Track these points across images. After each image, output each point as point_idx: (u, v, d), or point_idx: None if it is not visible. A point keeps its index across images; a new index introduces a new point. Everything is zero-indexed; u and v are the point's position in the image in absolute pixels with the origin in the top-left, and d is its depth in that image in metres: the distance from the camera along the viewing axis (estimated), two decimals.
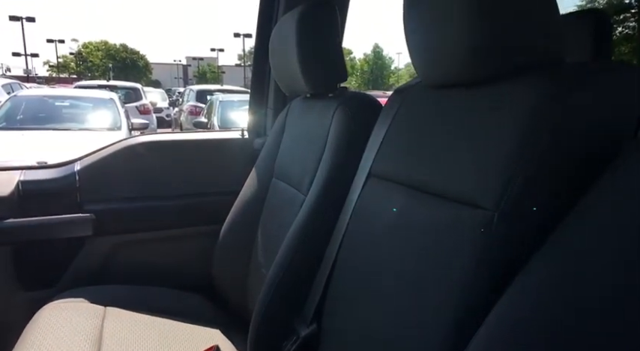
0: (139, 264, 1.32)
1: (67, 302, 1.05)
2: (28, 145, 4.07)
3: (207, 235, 1.31)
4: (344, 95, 1.01)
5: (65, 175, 1.24)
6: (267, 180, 1.19)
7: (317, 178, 0.93)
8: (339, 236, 0.80)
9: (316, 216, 0.89)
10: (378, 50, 52.76)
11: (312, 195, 0.92)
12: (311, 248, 0.87)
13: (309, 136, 1.04)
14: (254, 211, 1.18)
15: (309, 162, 0.98)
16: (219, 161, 1.42)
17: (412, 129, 0.73)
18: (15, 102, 5.24)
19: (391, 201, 0.71)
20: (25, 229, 1.17)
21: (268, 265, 0.97)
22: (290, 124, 1.19)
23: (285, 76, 1.12)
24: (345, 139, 0.92)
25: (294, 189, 1.04)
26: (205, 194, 1.39)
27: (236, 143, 1.47)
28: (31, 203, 1.18)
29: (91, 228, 1.23)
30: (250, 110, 1.54)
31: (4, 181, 1.18)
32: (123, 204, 1.29)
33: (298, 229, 0.90)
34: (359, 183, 0.81)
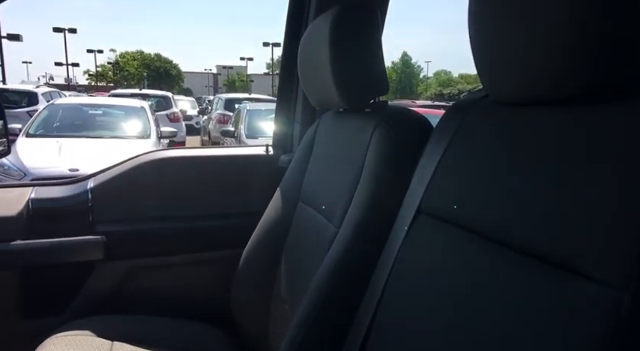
0: (154, 291, 1.22)
1: (72, 335, 0.96)
2: (62, 153, 4.20)
3: (226, 260, 1.20)
4: (384, 110, 0.87)
5: (77, 193, 1.16)
6: (293, 203, 1.07)
7: (353, 211, 0.79)
8: (381, 283, 0.68)
9: (352, 256, 0.76)
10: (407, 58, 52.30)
11: (346, 230, 0.78)
12: (345, 295, 0.76)
13: (341, 157, 0.91)
14: (277, 237, 1.07)
15: (342, 189, 0.85)
16: (241, 179, 1.30)
17: (478, 157, 0.59)
18: (52, 110, 5.44)
19: (448, 248, 0.58)
20: (33, 251, 1.09)
21: (292, 302, 0.88)
22: (320, 141, 1.06)
23: (315, 88, 0.99)
24: (386, 165, 0.78)
25: (324, 218, 0.91)
26: (226, 215, 1.28)
27: (260, 160, 1.34)
28: (40, 223, 1.11)
29: (103, 251, 1.14)
30: (276, 124, 1.41)
31: (14, 199, 1.11)
32: (137, 225, 1.19)
33: (331, 271, 0.77)
34: (405, 220, 0.68)
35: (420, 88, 51.27)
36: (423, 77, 54.54)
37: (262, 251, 1.10)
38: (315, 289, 0.78)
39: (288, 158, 1.26)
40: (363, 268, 0.74)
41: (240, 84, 55.79)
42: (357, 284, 0.74)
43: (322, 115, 1.13)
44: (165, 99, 10.22)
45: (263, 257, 1.10)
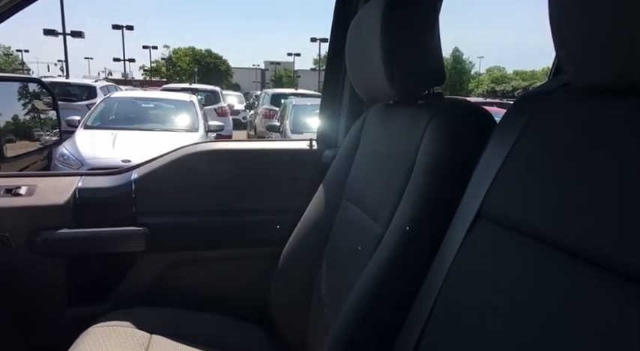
0: (193, 285, 1.22)
1: (112, 326, 0.96)
2: (116, 144, 4.36)
3: (267, 257, 1.18)
4: (440, 103, 0.80)
5: (121, 183, 1.17)
6: (337, 201, 1.03)
7: (402, 211, 0.73)
8: (433, 292, 0.62)
9: (399, 261, 0.71)
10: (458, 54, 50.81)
11: (394, 232, 0.73)
12: (391, 302, 0.70)
13: (390, 153, 0.85)
14: (319, 236, 1.03)
15: (390, 187, 0.79)
16: (283, 174, 1.27)
17: (554, 156, 0.51)
18: (108, 103, 5.68)
19: (512, 258, 0.52)
20: (78, 240, 1.11)
21: (332, 306, 0.83)
22: (367, 136, 1.01)
23: (363, 78, 0.93)
24: (441, 162, 0.71)
25: (369, 218, 0.86)
26: (267, 211, 1.25)
27: (303, 154, 1.30)
28: (85, 213, 1.13)
29: (144, 243, 1.14)
30: (321, 117, 1.37)
31: (63, 188, 1.14)
32: (179, 218, 1.19)
33: (375, 276, 0.71)
34: (462, 225, 0.62)
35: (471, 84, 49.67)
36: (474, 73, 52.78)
37: (303, 250, 1.06)
38: (359, 294, 0.72)
39: (333, 153, 1.21)
40: (412, 274, 0.68)
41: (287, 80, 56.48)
42: (405, 291, 0.68)
43: (370, 108, 1.06)
44: (214, 93, 10.47)
45: (303, 257, 1.06)
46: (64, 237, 1.09)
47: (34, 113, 1.49)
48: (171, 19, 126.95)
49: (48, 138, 1.52)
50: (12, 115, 1.35)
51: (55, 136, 1.56)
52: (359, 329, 0.71)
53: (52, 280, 1.13)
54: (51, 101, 1.45)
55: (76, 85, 9.62)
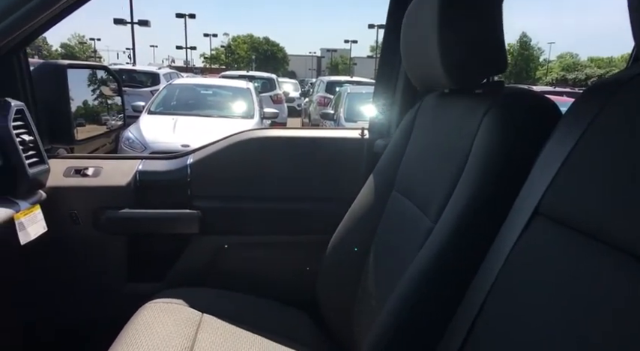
0: (243, 269, 1.25)
1: (167, 303, 1.01)
2: (176, 129, 4.55)
3: (315, 245, 1.18)
4: (499, 92, 0.76)
5: (178, 168, 1.22)
6: (387, 192, 1.01)
7: (453, 205, 0.71)
8: (484, 289, 0.59)
9: (449, 256, 0.68)
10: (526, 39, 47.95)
11: (444, 226, 0.70)
12: (439, 297, 0.68)
13: (444, 144, 0.82)
14: (368, 226, 1.02)
15: (442, 180, 0.77)
16: (334, 163, 1.27)
17: (627, 151, 0.47)
18: (170, 89, 5.93)
19: (573, 259, 0.48)
20: (138, 220, 1.17)
21: (379, 298, 0.82)
22: (420, 125, 0.98)
23: (418, 65, 0.89)
24: (498, 154, 0.68)
25: (419, 210, 0.84)
26: (316, 199, 1.26)
27: (354, 143, 1.29)
28: (145, 194, 1.18)
29: (198, 226, 1.19)
30: (373, 105, 1.36)
31: (125, 170, 1.20)
32: (230, 203, 1.22)
33: (423, 270, 0.69)
34: (518, 221, 0.58)
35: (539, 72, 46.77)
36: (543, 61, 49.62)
37: (351, 240, 1.05)
38: (405, 288, 0.71)
39: (385, 143, 1.19)
40: (461, 269, 0.66)
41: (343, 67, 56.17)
42: (452, 287, 0.66)
43: (425, 97, 1.02)
44: (270, 81, 10.61)
45: (351, 247, 1.05)
46: (125, 217, 1.16)
47: (101, 99, 1.56)
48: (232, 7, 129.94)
49: (114, 122, 1.60)
50: (82, 100, 1.43)
51: (119, 120, 1.63)
52: (405, 323, 0.69)
53: (114, 257, 1.20)
54: (117, 87, 1.52)
55: (141, 72, 10.12)
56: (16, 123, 0.96)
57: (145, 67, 12.60)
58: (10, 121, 0.94)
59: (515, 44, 47.91)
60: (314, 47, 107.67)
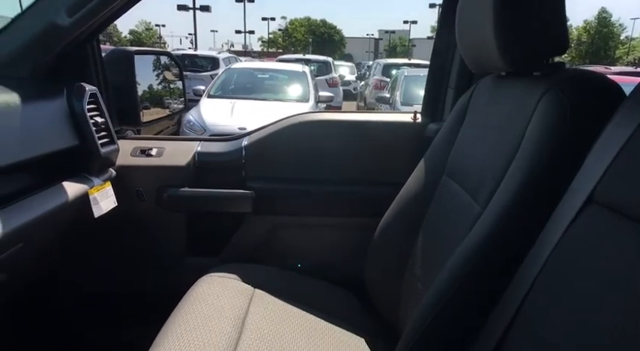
0: (294, 248, 1.29)
1: (222, 277, 1.06)
2: (234, 112, 4.69)
3: (364, 228, 1.19)
4: (559, 74, 0.72)
5: (233, 149, 1.27)
6: (437, 176, 1.00)
7: (503, 190, 0.69)
8: (530, 276, 0.58)
9: (495, 242, 0.67)
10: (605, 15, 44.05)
11: (492, 212, 0.68)
12: (482, 283, 0.68)
13: (497, 128, 0.80)
14: (416, 211, 1.02)
15: (493, 164, 0.75)
16: (385, 147, 1.27)
17: None
18: (228, 74, 6.10)
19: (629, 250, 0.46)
20: (196, 199, 1.24)
21: (425, 281, 0.82)
22: (474, 109, 0.96)
23: (473, 47, 0.87)
24: (553, 138, 0.65)
25: (468, 196, 0.83)
26: (367, 183, 1.28)
27: (406, 127, 1.29)
28: (203, 174, 1.24)
29: (251, 205, 1.24)
30: (427, 89, 1.34)
31: (185, 151, 1.26)
32: (283, 184, 1.26)
33: (468, 255, 0.69)
34: (570, 208, 0.56)
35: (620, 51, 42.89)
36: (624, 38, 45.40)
37: (399, 224, 1.06)
38: (449, 272, 0.70)
39: (437, 127, 1.17)
40: (507, 256, 0.65)
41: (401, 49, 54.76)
42: (497, 274, 0.65)
43: (480, 80, 0.99)
44: (326, 64, 10.59)
45: (400, 230, 1.05)
46: (185, 195, 1.23)
47: (164, 83, 1.64)
48: None
49: (176, 106, 1.68)
50: (148, 84, 1.51)
51: (181, 104, 1.72)
52: (448, 306, 0.69)
53: (175, 233, 1.28)
54: (178, 72, 1.60)
55: (202, 57, 10.48)
56: (90, 106, 1.04)
57: (205, 51, 13.02)
58: (85, 104, 1.02)
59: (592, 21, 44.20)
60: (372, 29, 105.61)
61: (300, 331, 0.93)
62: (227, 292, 0.99)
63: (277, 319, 0.94)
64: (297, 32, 56.25)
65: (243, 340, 0.85)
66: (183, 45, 58.28)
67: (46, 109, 0.96)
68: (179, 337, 0.81)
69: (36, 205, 0.85)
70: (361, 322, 1.05)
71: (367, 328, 1.03)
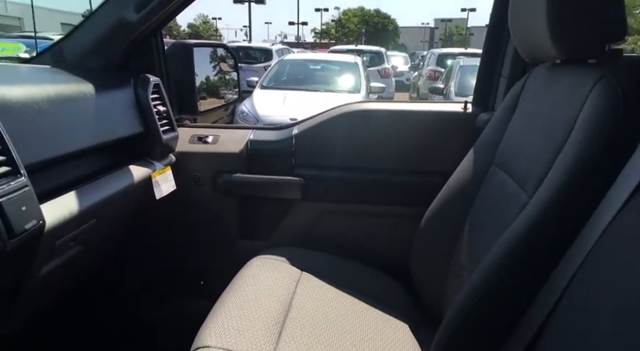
0: (340, 235, 1.32)
1: (271, 259, 1.11)
2: (286, 103, 4.78)
3: (410, 216, 1.21)
4: (614, 61, 0.70)
5: (284, 138, 1.31)
6: (486, 166, 1.00)
7: (550, 180, 0.68)
8: (573, 266, 0.57)
9: (539, 231, 0.66)
10: None
11: (538, 201, 0.68)
12: (528, 268, 0.67)
13: (549, 117, 0.79)
14: (464, 201, 1.02)
15: (542, 154, 0.75)
16: (433, 137, 1.27)
17: None
18: (281, 65, 6.20)
19: None
20: (248, 184, 1.29)
21: (470, 270, 0.82)
22: (526, 98, 0.94)
23: (525, 35, 0.85)
24: (604, 127, 0.63)
25: (517, 186, 0.82)
26: (414, 172, 1.28)
27: (456, 117, 1.28)
28: (255, 161, 1.29)
29: (300, 192, 1.28)
30: (478, 78, 1.32)
31: (239, 138, 1.32)
32: (331, 172, 1.29)
33: (511, 243, 0.69)
34: (617, 198, 0.55)
35: None
36: None
37: (446, 213, 1.06)
38: (491, 260, 0.71)
39: (488, 117, 1.15)
40: (551, 246, 0.64)
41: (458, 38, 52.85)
42: (540, 263, 0.65)
43: (533, 69, 0.97)
44: (379, 54, 10.48)
45: (446, 220, 1.06)
46: (238, 180, 1.29)
47: (220, 74, 1.72)
48: None
49: (230, 96, 1.76)
50: (205, 76, 1.58)
51: (235, 94, 1.79)
52: (489, 293, 0.70)
53: (228, 216, 1.35)
54: (234, 64, 1.67)
55: (255, 49, 10.71)
56: (153, 95, 1.12)
57: (259, 43, 13.28)
58: (150, 94, 1.10)
59: None
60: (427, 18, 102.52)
61: (345, 312, 0.96)
62: (276, 273, 1.04)
63: (323, 301, 0.98)
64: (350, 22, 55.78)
65: (290, 318, 0.90)
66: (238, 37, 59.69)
67: (116, 99, 1.05)
68: (231, 312, 0.87)
69: (107, 186, 0.93)
70: (405, 309, 1.06)
71: (411, 315, 1.04)
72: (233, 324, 0.84)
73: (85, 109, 0.93)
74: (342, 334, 0.89)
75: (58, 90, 0.87)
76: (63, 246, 0.82)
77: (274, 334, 0.84)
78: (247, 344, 0.79)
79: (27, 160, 0.69)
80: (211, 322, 0.85)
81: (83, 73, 1.01)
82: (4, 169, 0.64)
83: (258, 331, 0.83)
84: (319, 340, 0.85)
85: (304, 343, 0.84)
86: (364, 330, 0.92)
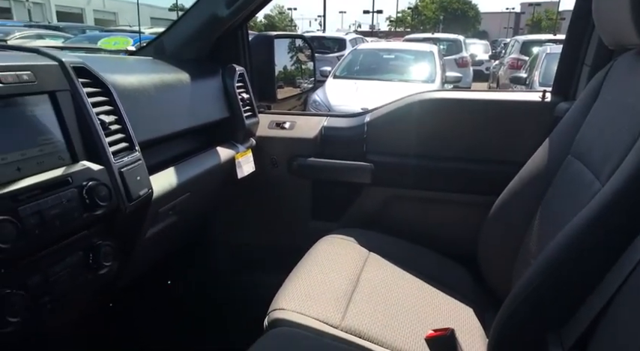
0: (409, 220, 1.36)
1: (340, 239, 1.17)
2: (357, 93, 4.81)
3: (479, 205, 1.21)
4: None
5: (356, 125, 1.37)
6: (561, 156, 0.98)
7: (623, 168, 0.67)
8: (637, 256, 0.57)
9: (610, 216, 0.66)
10: None
11: (609, 188, 0.68)
12: (593, 255, 0.67)
13: (630, 107, 0.77)
14: (536, 190, 1.01)
15: (620, 143, 0.73)
16: (507, 126, 1.26)
17: None
18: (354, 55, 6.22)
19: None
20: (322, 168, 1.36)
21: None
22: (608, 88, 0.91)
23: (608, 21, 0.83)
24: None
25: (592, 174, 0.81)
26: (485, 161, 1.28)
27: (533, 107, 1.26)
28: (328, 146, 1.36)
29: (370, 177, 1.33)
30: (560, 66, 1.28)
31: (313, 125, 1.40)
32: (401, 159, 1.32)
33: (582, 226, 0.69)
34: None
35: None
36: None
37: (517, 202, 1.06)
38: (557, 244, 0.71)
39: (567, 106, 1.12)
40: (618, 233, 0.64)
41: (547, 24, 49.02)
42: (605, 250, 0.64)
43: (618, 57, 0.93)
44: (456, 43, 10.08)
45: (517, 209, 1.05)
46: (312, 164, 1.37)
47: (296, 64, 1.81)
48: None
49: (305, 85, 1.84)
50: (282, 65, 1.68)
51: (310, 84, 1.87)
52: (553, 277, 0.70)
53: (302, 197, 1.44)
54: (310, 54, 1.75)
55: (329, 39, 10.79)
56: (238, 84, 1.23)
57: (332, 33, 13.37)
58: (235, 82, 1.22)
59: None
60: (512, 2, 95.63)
61: (410, 292, 1.01)
62: (345, 251, 1.11)
63: (389, 280, 1.03)
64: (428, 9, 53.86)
65: (357, 292, 0.96)
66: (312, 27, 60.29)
67: (208, 86, 1.17)
68: (303, 282, 0.96)
69: (199, 164, 1.06)
70: (470, 294, 1.08)
71: (476, 300, 1.06)
72: (305, 292, 0.92)
73: (182, 95, 1.06)
74: (406, 311, 0.94)
75: (162, 78, 1.00)
76: (163, 214, 0.96)
77: (343, 304, 0.91)
78: (318, 310, 0.87)
79: (139, 138, 0.82)
80: (286, 289, 0.94)
81: (180, 63, 1.14)
82: (124, 145, 0.77)
83: (328, 299, 0.91)
84: (384, 313, 0.91)
85: (370, 314, 0.90)
86: (428, 309, 0.96)
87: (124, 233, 0.81)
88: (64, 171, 0.66)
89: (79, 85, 0.72)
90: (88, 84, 0.75)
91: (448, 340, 0.74)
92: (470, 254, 1.15)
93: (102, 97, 0.77)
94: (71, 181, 0.66)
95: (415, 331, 0.88)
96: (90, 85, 0.75)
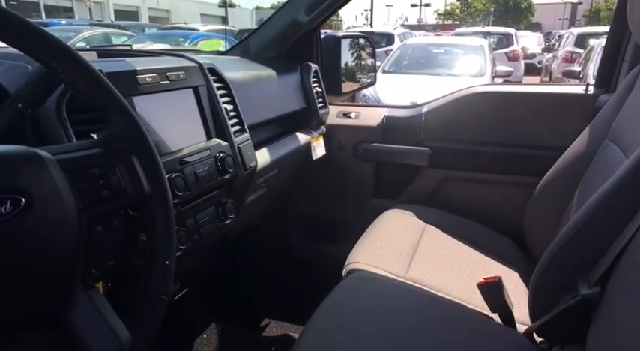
0: (460, 198, 1.52)
1: (401, 213, 1.35)
2: (406, 88, 4.92)
3: (525, 185, 1.35)
4: None
5: (415, 115, 1.55)
6: (599, 141, 1.10)
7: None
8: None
9: (630, 180, 0.75)
10: None
11: (630, 163, 0.76)
12: (616, 213, 0.76)
13: None
14: (576, 171, 1.13)
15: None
16: (551, 116, 1.39)
17: None
18: (403, 49, 6.31)
19: None
20: (383, 152, 1.56)
21: None
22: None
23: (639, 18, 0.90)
24: None
25: (621, 153, 0.93)
26: (530, 146, 1.42)
27: (575, 98, 1.39)
28: (389, 133, 1.56)
29: (427, 160, 1.51)
30: (602, 60, 1.39)
31: (376, 115, 1.59)
32: (455, 144, 1.49)
33: (609, 189, 0.78)
34: None
35: None
36: None
37: (559, 182, 1.19)
38: (585, 208, 0.81)
39: (607, 98, 1.23)
40: (629, 208, 0.72)
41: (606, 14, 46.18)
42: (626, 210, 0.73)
43: None
44: (507, 36, 9.87)
45: (559, 188, 1.18)
46: (375, 149, 1.57)
47: (357, 61, 1.99)
48: None
49: (364, 80, 2.02)
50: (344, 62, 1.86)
51: (369, 78, 2.05)
52: (582, 231, 0.81)
53: (365, 179, 1.64)
54: (371, 51, 1.93)
55: (377, 34, 10.85)
56: (313, 79, 1.44)
57: (380, 28, 13.38)
58: (311, 78, 1.42)
59: None
60: None
61: (463, 256, 1.18)
62: (404, 223, 1.30)
63: (445, 248, 1.20)
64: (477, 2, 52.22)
65: (417, 254, 1.15)
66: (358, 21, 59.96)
67: (289, 81, 1.39)
68: (371, 245, 1.15)
69: (284, 146, 1.28)
70: (517, 263, 1.23)
71: (522, 268, 1.20)
72: (374, 251, 1.12)
73: (272, 89, 1.28)
74: (460, 269, 1.11)
75: (256, 74, 1.22)
76: (258, 185, 1.18)
77: (406, 261, 1.10)
78: (386, 264, 1.07)
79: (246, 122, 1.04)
80: (358, 249, 1.14)
81: (265, 61, 1.36)
82: (238, 127, 0.99)
83: (394, 258, 1.10)
84: (442, 270, 1.09)
85: (430, 270, 1.08)
86: (479, 270, 1.12)
87: (238, 195, 1.03)
88: (205, 145, 0.89)
89: (211, 81, 0.94)
90: (215, 80, 0.97)
91: (497, 285, 0.89)
92: (515, 229, 1.30)
93: (224, 90, 0.99)
94: (210, 152, 0.88)
95: (468, 283, 1.05)
96: (216, 81, 0.98)
